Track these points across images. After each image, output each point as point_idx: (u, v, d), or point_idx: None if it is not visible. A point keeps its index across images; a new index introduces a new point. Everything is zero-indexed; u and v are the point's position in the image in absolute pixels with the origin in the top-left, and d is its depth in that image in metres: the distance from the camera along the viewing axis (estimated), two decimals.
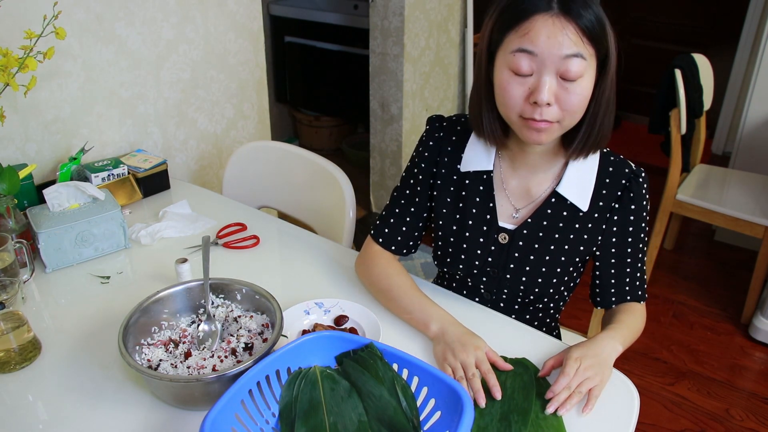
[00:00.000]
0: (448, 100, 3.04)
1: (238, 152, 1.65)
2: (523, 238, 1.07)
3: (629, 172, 1.04)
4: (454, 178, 1.10)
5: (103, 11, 1.51)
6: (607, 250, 1.07)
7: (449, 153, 1.10)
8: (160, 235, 1.35)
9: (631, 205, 1.04)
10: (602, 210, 1.05)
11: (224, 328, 0.99)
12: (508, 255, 1.08)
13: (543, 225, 1.06)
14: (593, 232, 1.06)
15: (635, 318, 1.07)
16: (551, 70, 0.88)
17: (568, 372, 0.91)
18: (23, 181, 1.30)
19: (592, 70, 0.91)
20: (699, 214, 2.40)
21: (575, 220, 1.05)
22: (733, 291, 2.56)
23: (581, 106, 0.92)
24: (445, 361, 0.96)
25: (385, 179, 2.98)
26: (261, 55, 1.99)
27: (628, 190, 1.03)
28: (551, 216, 1.06)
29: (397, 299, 1.08)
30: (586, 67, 0.89)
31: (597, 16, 0.88)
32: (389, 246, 1.16)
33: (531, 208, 1.07)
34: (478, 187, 1.09)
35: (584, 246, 1.07)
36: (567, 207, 1.05)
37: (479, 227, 1.09)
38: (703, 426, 1.91)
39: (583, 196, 1.04)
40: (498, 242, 1.09)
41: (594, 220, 1.05)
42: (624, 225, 1.05)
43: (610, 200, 1.04)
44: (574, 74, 0.88)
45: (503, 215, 1.09)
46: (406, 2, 2.52)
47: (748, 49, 3.55)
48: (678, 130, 2.33)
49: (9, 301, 0.98)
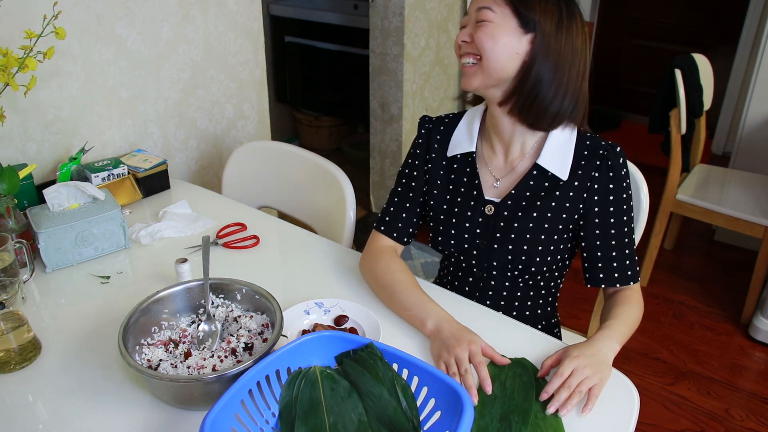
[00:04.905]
0: (448, 100, 3.04)
1: (238, 152, 1.65)
2: (507, 209, 1.13)
3: (605, 144, 1.10)
4: (443, 163, 1.20)
5: (103, 11, 1.51)
6: (591, 221, 1.11)
7: (438, 141, 1.21)
8: (160, 235, 1.35)
9: (609, 172, 1.09)
10: (582, 179, 1.10)
11: (224, 328, 0.99)
12: (495, 226, 1.14)
13: (526, 195, 1.12)
14: (575, 201, 1.11)
15: (631, 308, 1.08)
16: (472, 20, 1.05)
17: (563, 372, 0.91)
18: (23, 181, 1.30)
19: (508, 27, 1.01)
20: (699, 214, 2.40)
21: (556, 189, 1.11)
22: (733, 291, 2.56)
23: (490, 43, 1.02)
24: (440, 358, 0.97)
25: (385, 179, 2.98)
26: (261, 55, 1.99)
27: (605, 158, 1.09)
28: (533, 187, 1.12)
29: (397, 295, 1.10)
30: (496, 19, 1.01)
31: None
32: (391, 233, 1.22)
33: (513, 180, 1.14)
34: (465, 168, 1.18)
35: (566, 214, 1.11)
36: (548, 178, 1.11)
37: (467, 203, 1.17)
38: (703, 426, 1.91)
39: (563, 166, 1.10)
40: (485, 214, 1.15)
41: (574, 188, 1.10)
42: (605, 194, 1.10)
43: (590, 170, 1.10)
44: (482, 19, 1.02)
45: (488, 189, 1.16)
46: (406, 2, 2.52)
47: (748, 49, 3.55)
48: (678, 130, 2.33)
49: (9, 301, 0.98)
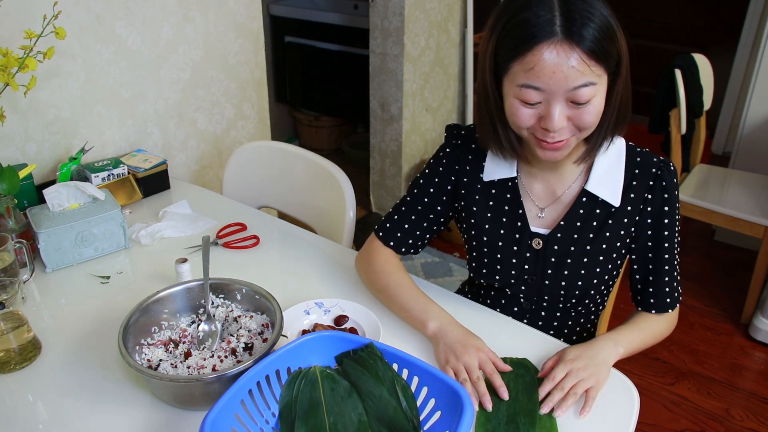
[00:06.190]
0: (448, 100, 3.04)
1: (238, 152, 1.65)
2: (557, 242, 1.05)
3: (658, 162, 1.02)
4: (479, 187, 1.09)
5: (103, 11, 1.51)
6: (643, 245, 1.04)
7: (470, 162, 1.09)
8: (160, 235, 1.35)
9: (664, 194, 1.01)
10: (635, 202, 1.02)
11: (224, 328, 0.99)
12: (545, 260, 1.06)
13: (576, 226, 1.04)
14: (628, 227, 1.03)
15: (657, 322, 1.05)
16: (560, 99, 0.87)
17: (554, 376, 0.91)
18: (23, 181, 1.30)
19: (604, 85, 0.89)
20: (699, 214, 2.40)
21: (609, 217, 1.03)
22: (733, 291, 2.56)
23: (595, 120, 0.90)
24: (447, 364, 0.95)
25: (385, 179, 2.98)
26: (261, 55, 1.99)
27: (660, 179, 1.01)
28: (584, 216, 1.03)
29: (395, 297, 1.08)
30: (597, 89, 0.87)
31: (603, 28, 0.84)
32: (388, 241, 1.15)
33: (560, 209, 1.05)
34: (505, 195, 1.07)
35: (620, 242, 1.04)
36: (599, 204, 1.03)
37: (511, 235, 1.07)
38: (703, 426, 1.91)
39: (614, 191, 1.01)
40: (532, 248, 1.06)
41: (628, 213, 1.02)
42: (659, 216, 1.02)
43: (642, 191, 1.01)
44: (584, 99, 0.86)
45: (532, 219, 1.07)
46: (406, 2, 2.52)
47: (748, 49, 3.55)
48: (678, 130, 2.33)
49: (9, 301, 0.98)
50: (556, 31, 0.83)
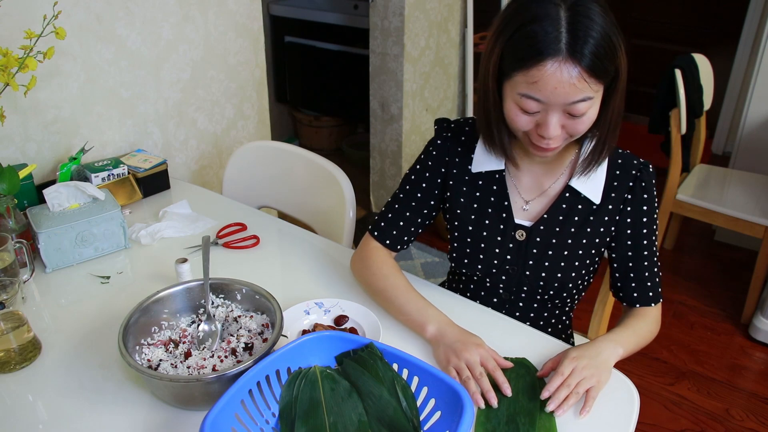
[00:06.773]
0: (448, 100, 3.04)
1: (238, 152, 1.65)
2: (540, 234, 1.08)
3: (638, 164, 1.07)
4: (466, 178, 1.12)
5: (103, 11, 1.51)
6: (623, 243, 1.08)
7: (459, 154, 1.12)
8: (160, 235, 1.35)
9: (643, 194, 1.06)
10: (615, 201, 1.06)
11: (224, 328, 0.99)
12: (527, 252, 1.10)
13: (559, 220, 1.08)
14: (608, 224, 1.07)
15: (646, 322, 1.07)
16: (558, 110, 0.91)
17: (563, 371, 0.91)
18: (23, 181, 1.30)
19: (600, 96, 0.92)
20: (699, 214, 2.40)
21: (590, 213, 1.07)
22: (733, 291, 2.56)
23: (587, 127, 0.94)
24: (449, 364, 0.95)
25: (385, 179, 2.98)
26: (261, 55, 1.99)
27: (639, 180, 1.05)
28: (566, 210, 1.07)
29: (393, 300, 1.08)
30: (593, 102, 0.91)
31: (606, 46, 0.86)
32: (384, 240, 1.16)
33: (544, 203, 1.09)
34: (492, 186, 1.11)
35: (599, 238, 1.08)
36: (581, 201, 1.07)
37: (496, 226, 1.11)
38: (703, 426, 1.91)
39: (596, 188, 1.06)
40: (515, 239, 1.10)
41: (608, 212, 1.07)
42: (638, 216, 1.06)
43: (623, 191, 1.06)
44: (581, 113, 0.91)
45: (517, 212, 1.10)
46: (406, 2, 2.52)
47: (748, 49, 3.55)
48: (678, 130, 2.33)
49: (9, 301, 0.98)
50: (561, 49, 0.85)
